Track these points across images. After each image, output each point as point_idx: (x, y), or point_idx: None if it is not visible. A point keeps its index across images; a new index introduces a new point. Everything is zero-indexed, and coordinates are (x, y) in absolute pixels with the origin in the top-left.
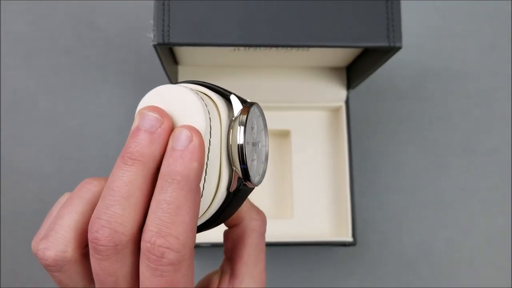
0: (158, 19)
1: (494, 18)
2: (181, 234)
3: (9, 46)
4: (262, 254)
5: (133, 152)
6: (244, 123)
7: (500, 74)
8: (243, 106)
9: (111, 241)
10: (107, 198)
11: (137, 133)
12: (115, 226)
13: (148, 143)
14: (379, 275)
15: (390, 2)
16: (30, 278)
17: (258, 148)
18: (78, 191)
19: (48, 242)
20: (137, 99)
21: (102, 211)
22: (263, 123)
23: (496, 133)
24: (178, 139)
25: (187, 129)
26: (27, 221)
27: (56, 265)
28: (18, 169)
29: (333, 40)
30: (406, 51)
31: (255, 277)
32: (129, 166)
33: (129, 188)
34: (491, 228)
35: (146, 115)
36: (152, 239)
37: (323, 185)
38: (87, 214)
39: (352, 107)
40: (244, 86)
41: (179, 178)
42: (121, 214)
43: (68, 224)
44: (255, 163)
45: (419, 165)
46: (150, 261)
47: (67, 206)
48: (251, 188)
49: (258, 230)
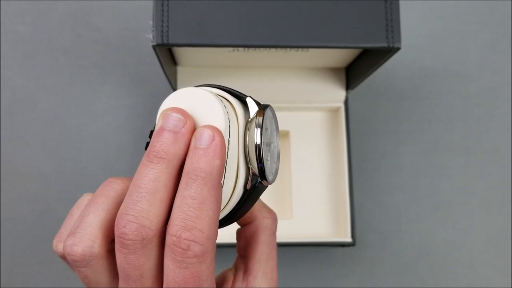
0: (157, 20)
1: (493, 18)
2: (205, 228)
3: (8, 46)
4: (274, 252)
5: (158, 150)
6: (260, 124)
7: (500, 74)
8: (259, 108)
9: (138, 235)
10: (134, 194)
11: (162, 132)
12: (142, 221)
13: (172, 142)
14: (378, 275)
15: (389, 2)
16: (30, 278)
17: (271, 149)
18: (102, 189)
19: (76, 238)
20: (136, 99)
21: (129, 207)
22: (275, 124)
23: (495, 133)
24: (201, 138)
25: (210, 128)
26: (26, 221)
27: (84, 260)
28: (18, 169)
29: (332, 40)
30: (405, 52)
31: (267, 273)
32: (154, 164)
33: (154, 184)
34: (490, 228)
35: (170, 116)
36: (178, 232)
37: (322, 186)
38: (112, 211)
39: (351, 108)
40: (243, 86)
41: (203, 175)
42: (147, 210)
43: (95, 221)
44: (269, 162)
45: (418, 165)
46: (175, 253)
47: (92, 204)
48: (265, 186)
49: (270, 228)
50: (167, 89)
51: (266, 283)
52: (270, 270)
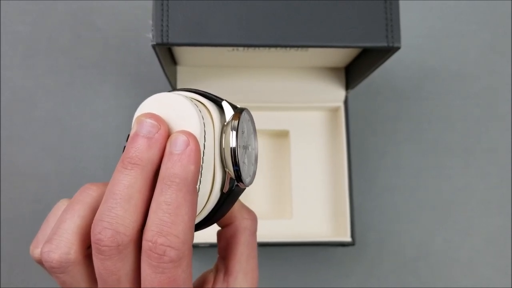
0: (156, 19)
1: (493, 18)
2: (181, 233)
3: (8, 46)
4: (254, 252)
5: (132, 157)
6: (236, 128)
7: (500, 74)
8: (234, 112)
9: (114, 242)
10: (109, 201)
11: (136, 138)
12: (117, 227)
13: (146, 148)
14: (378, 275)
15: (389, 2)
16: (30, 278)
17: (248, 151)
18: (79, 196)
19: (52, 245)
20: (136, 99)
21: (105, 213)
22: (253, 127)
23: (495, 133)
24: (176, 144)
25: (184, 134)
26: (26, 221)
27: (61, 267)
28: (17, 169)
29: (332, 40)
30: (405, 51)
31: (248, 274)
32: (129, 170)
33: (129, 191)
34: (490, 228)
35: (144, 122)
36: (153, 238)
37: (322, 186)
38: (88, 218)
39: (351, 107)
40: (243, 86)
41: (177, 180)
42: (122, 216)
43: (71, 227)
44: (246, 165)
45: (418, 165)
46: (151, 259)
47: (68, 210)
48: (243, 188)
49: (249, 229)
50: (167, 89)
51: (246, 283)
52: (251, 270)
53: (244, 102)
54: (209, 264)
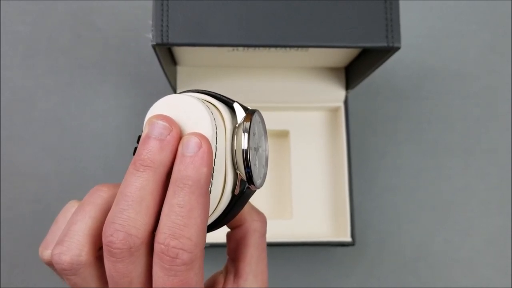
0: (156, 20)
1: (493, 18)
2: (194, 235)
3: (8, 46)
4: (263, 254)
5: (144, 159)
6: (247, 129)
7: (499, 74)
8: (246, 114)
9: (125, 244)
10: (121, 203)
11: (147, 140)
12: (128, 229)
13: (158, 150)
14: (378, 276)
15: (389, 2)
16: (30, 278)
17: (259, 153)
18: (90, 197)
19: (63, 247)
20: (136, 99)
21: (116, 215)
22: (263, 129)
23: (495, 134)
24: (188, 146)
25: (196, 136)
26: (26, 221)
27: (72, 269)
28: (18, 169)
29: (332, 40)
30: (405, 51)
31: (258, 276)
32: (141, 172)
33: (141, 193)
34: (490, 228)
35: (156, 124)
36: (166, 240)
37: (322, 186)
38: (99, 219)
39: (351, 108)
40: (243, 86)
41: (190, 183)
42: (134, 218)
43: (82, 229)
44: (257, 167)
45: (418, 166)
46: (164, 261)
47: (79, 212)
48: (253, 191)
49: (259, 231)
50: (167, 89)
51: (256, 285)
52: (261, 272)
53: (244, 102)
54: (209, 264)
